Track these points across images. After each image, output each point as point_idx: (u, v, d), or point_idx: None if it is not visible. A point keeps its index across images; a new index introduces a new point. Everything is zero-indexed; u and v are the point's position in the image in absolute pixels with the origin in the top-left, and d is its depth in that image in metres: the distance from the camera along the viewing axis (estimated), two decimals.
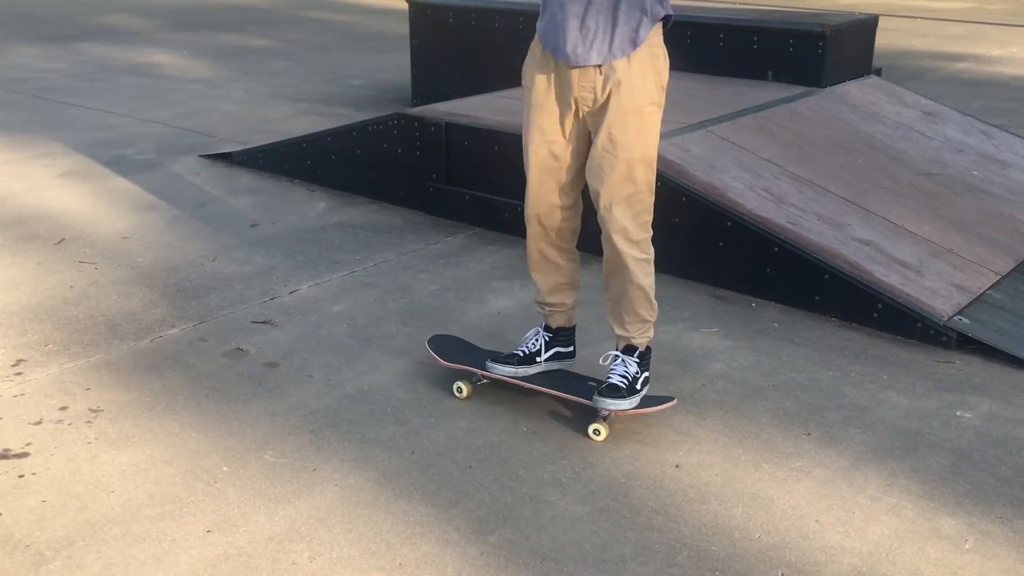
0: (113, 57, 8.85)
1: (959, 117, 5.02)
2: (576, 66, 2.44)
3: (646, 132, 2.48)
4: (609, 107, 2.44)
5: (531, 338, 2.78)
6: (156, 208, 4.54)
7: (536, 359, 2.74)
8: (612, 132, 2.45)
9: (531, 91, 2.58)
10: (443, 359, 2.82)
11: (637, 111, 2.45)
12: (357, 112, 6.58)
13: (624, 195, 2.48)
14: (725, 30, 5.27)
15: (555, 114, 2.53)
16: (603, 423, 2.57)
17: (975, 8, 13.10)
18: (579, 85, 2.46)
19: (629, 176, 2.47)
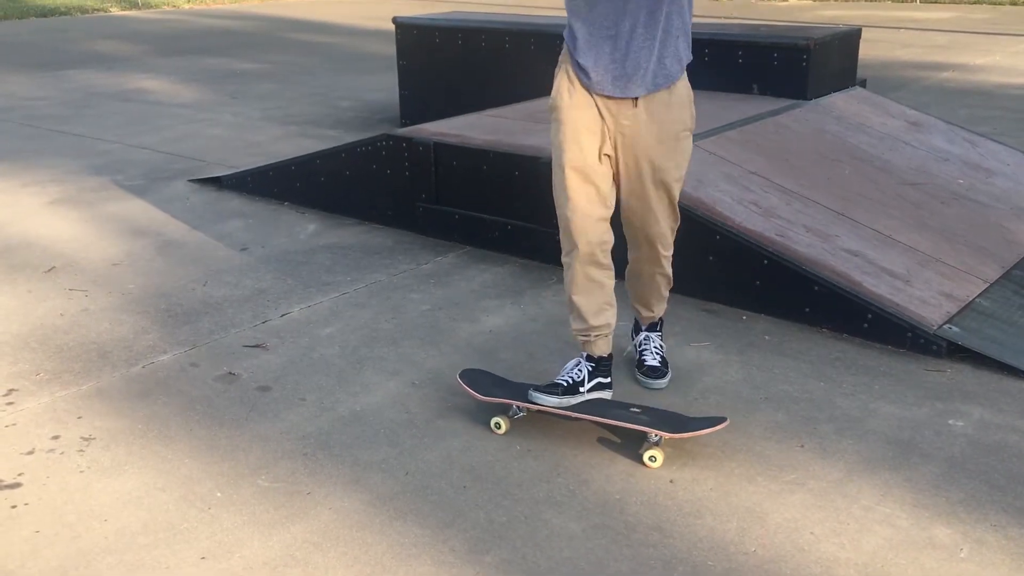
0: (101, 83, 8.87)
1: (944, 126, 5.06)
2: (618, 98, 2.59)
3: (683, 155, 2.72)
4: (651, 134, 2.62)
5: (571, 368, 2.76)
6: (146, 234, 4.54)
7: (579, 389, 2.70)
8: (653, 158, 2.65)
9: (566, 113, 2.63)
10: (479, 393, 2.74)
11: (675, 138, 2.67)
12: (346, 133, 6.60)
13: (664, 211, 2.76)
14: (710, 45, 5.29)
15: (593, 135, 2.62)
16: (658, 449, 2.52)
17: (958, 18, 13.22)
18: (619, 112, 2.61)
19: (669, 196, 2.74)
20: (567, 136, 2.62)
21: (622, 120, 2.61)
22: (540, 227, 4.00)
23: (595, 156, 2.62)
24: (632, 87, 2.57)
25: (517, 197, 4.09)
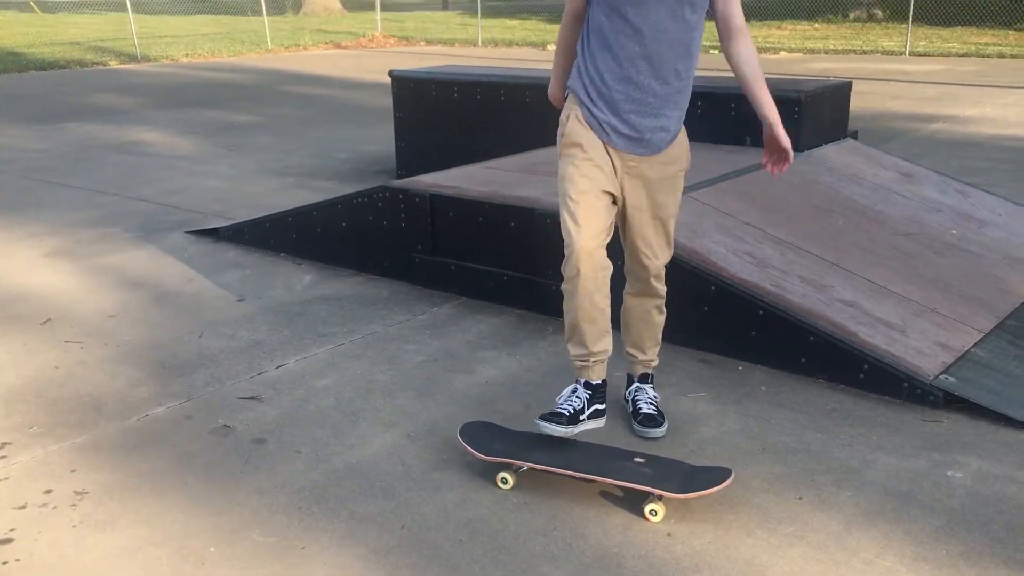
0: (100, 136, 8.94)
1: (935, 177, 5.11)
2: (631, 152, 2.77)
3: (679, 192, 2.91)
4: (654, 175, 2.80)
5: (569, 396, 2.82)
6: (142, 285, 4.55)
7: (580, 418, 2.77)
8: (654, 195, 2.82)
9: (575, 150, 2.76)
10: (480, 452, 2.71)
11: (674, 177, 2.86)
12: (342, 185, 6.64)
13: (662, 246, 2.92)
14: (704, 98, 5.36)
15: (601, 172, 2.74)
16: (659, 503, 2.50)
17: (947, 70, 13.42)
18: (629, 162, 2.77)
19: (667, 231, 2.91)
20: (576, 170, 2.73)
21: (628, 161, 2.77)
22: (536, 278, 4.01)
23: (601, 190, 2.74)
24: (643, 148, 2.76)
25: (513, 248, 4.11)
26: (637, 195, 2.81)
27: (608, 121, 2.72)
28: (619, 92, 2.69)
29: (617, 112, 2.71)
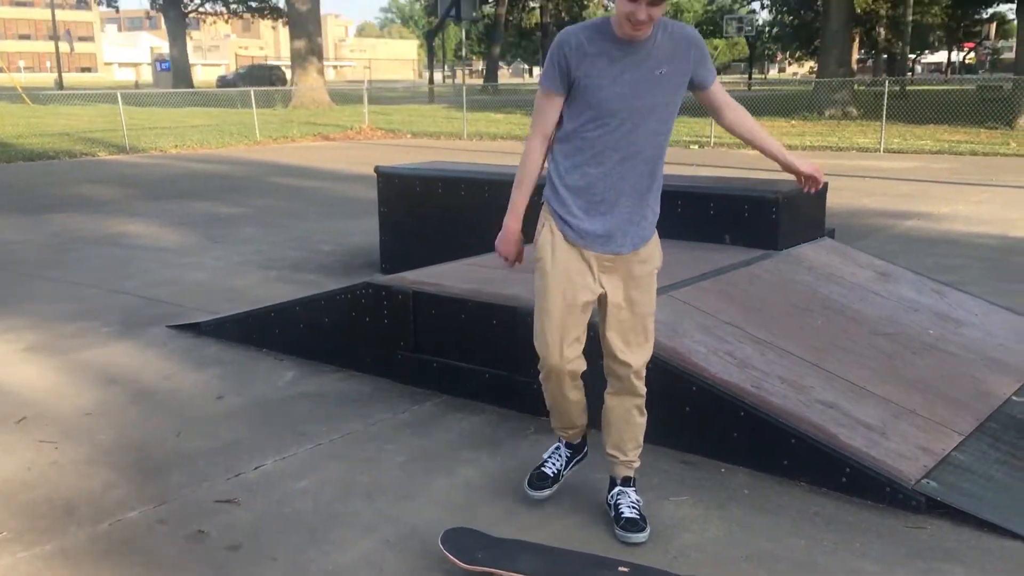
0: (85, 227, 8.98)
1: (912, 276, 5.18)
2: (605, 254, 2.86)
3: (653, 291, 2.97)
4: (629, 274, 2.89)
5: (552, 453, 3.21)
6: (121, 382, 4.51)
7: (562, 474, 3.17)
8: (631, 295, 2.89)
9: (550, 265, 2.88)
10: (462, 561, 2.66)
11: (649, 276, 2.94)
12: (326, 278, 6.67)
13: (640, 344, 2.95)
14: (684, 197, 5.46)
15: (575, 283, 2.86)
16: None
17: (921, 167, 13.74)
18: (604, 263, 2.87)
19: (645, 329, 2.95)
20: (548, 284, 2.87)
21: (604, 262, 2.86)
22: (518, 376, 4.01)
23: (573, 301, 2.85)
24: (618, 247, 2.85)
25: (495, 347, 4.12)
26: (615, 293, 2.89)
27: (580, 225, 2.82)
28: (593, 196, 2.80)
29: (591, 215, 2.81)
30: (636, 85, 2.72)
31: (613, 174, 2.78)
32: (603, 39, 2.73)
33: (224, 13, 46.54)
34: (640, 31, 2.66)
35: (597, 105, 2.73)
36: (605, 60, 2.71)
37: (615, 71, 2.71)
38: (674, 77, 2.78)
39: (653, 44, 2.74)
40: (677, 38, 2.78)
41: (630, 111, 2.73)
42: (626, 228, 2.83)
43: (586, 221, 2.82)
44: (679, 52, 2.77)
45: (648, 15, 2.62)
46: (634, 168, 2.79)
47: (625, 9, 2.62)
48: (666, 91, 2.77)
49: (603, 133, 2.75)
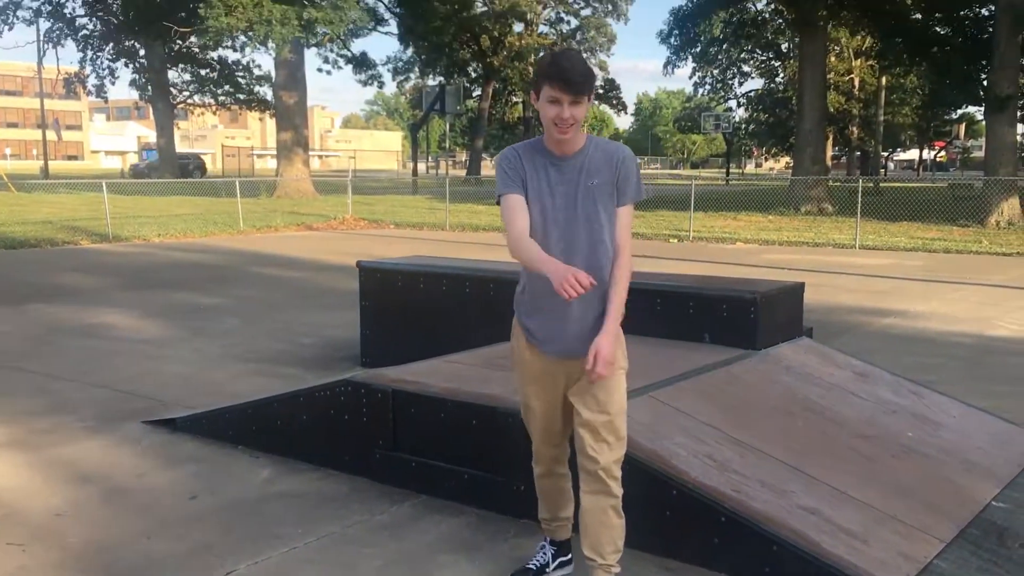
0: (64, 318, 8.93)
1: (889, 378, 5.22)
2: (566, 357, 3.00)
3: (622, 390, 3.03)
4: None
5: (537, 551, 3.36)
6: (93, 480, 4.43)
7: (546, 570, 3.30)
8: (597, 395, 2.97)
9: (521, 367, 3.12)
10: None
11: (614, 377, 2.97)
12: (306, 372, 6.64)
13: (611, 442, 2.99)
14: (663, 296, 5.53)
15: (545, 386, 3.07)
16: None
17: (895, 264, 13.96)
18: (567, 364, 3.01)
19: (614, 427, 3.00)
20: (523, 386, 3.13)
21: (567, 364, 3.00)
22: (497, 477, 3.97)
23: (548, 402, 3.07)
24: (573, 350, 2.97)
25: (474, 446, 4.09)
26: (581, 395, 3.00)
27: (534, 329, 3.03)
28: (542, 300, 2.97)
29: (542, 319, 3.01)
30: (570, 197, 2.93)
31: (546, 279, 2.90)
32: (539, 155, 2.97)
33: (212, 104, 47.28)
34: (567, 133, 2.85)
35: (537, 215, 2.93)
36: (542, 174, 2.95)
37: (550, 184, 2.94)
38: (605, 188, 2.95)
39: (586, 157, 2.95)
40: (609, 153, 2.97)
41: (566, 221, 2.93)
42: (578, 332, 2.96)
43: (538, 325, 3.02)
44: (608, 165, 2.96)
45: (572, 114, 2.82)
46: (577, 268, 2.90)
47: (550, 113, 2.84)
48: (599, 201, 2.94)
49: (545, 242, 2.92)
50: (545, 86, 2.82)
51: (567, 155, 2.96)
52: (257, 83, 46.11)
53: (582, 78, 2.80)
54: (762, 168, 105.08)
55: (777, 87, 50.79)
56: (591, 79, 2.82)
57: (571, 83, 2.79)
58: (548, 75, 2.80)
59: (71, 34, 40.74)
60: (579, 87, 2.80)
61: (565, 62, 2.82)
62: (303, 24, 28.81)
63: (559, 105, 2.82)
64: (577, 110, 2.83)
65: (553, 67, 2.81)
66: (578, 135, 2.96)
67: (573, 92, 2.80)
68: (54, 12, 39.26)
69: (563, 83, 2.78)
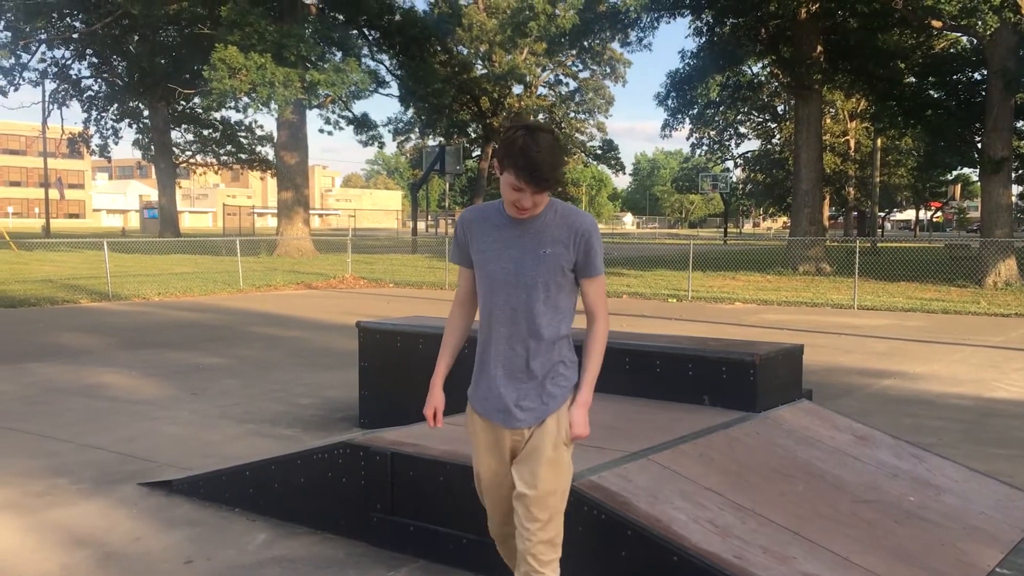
0: (61, 378, 8.90)
1: (890, 441, 5.20)
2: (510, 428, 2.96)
3: (560, 467, 2.91)
4: (534, 448, 2.91)
5: None
6: (87, 544, 4.38)
7: None
8: (535, 470, 2.89)
9: (473, 438, 3.09)
10: None
11: (554, 453, 2.90)
12: (304, 433, 6.60)
13: (540, 522, 2.87)
14: (661, 357, 5.53)
15: (491, 454, 3.02)
16: None
17: (894, 325, 13.97)
18: (512, 437, 2.97)
19: (546, 506, 2.87)
20: (476, 461, 3.09)
21: (512, 436, 2.96)
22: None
23: (494, 471, 3.01)
24: (513, 421, 2.93)
25: (472, 510, 4.04)
26: (518, 466, 2.93)
27: (476, 395, 3.01)
28: (485, 366, 2.97)
29: (485, 386, 2.97)
30: (520, 261, 2.86)
31: (499, 345, 2.92)
32: (495, 217, 2.92)
33: (214, 164, 47.75)
34: (524, 215, 2.82)
35: (485, 278, 2.92)
36: (494, 236, 2.90)
37: (500, 246, 2.89)
38: (557, 259, 2.86)
39: (542, 224, 2.86)
40: (570, 225, 2.86)
41: (514, 286, 2.87)
42: (519, 402, 2.91)
43: (480, 392, 2.99)
44: (564, 237, 2.86)
45: (533, 202, 2.78)
46: (520, 343, 2.89)
47: (511, 197, 2.78)
48: (551, 270, 2.86)
49: (491, 305, 2.91)
50: (510, 170, 2.71)
51: (523, 219, 2.88)
52: (259, 143, 46.69)
53: (550, 173, 2.70)
54: (759, 228, 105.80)
55: (774, 148, 51.37)
56: (558, 171, 2.73)
57: (537, 180, 2.70)
58: (516, 165, 2.69)
59: (76, 95, 41.34)
60: (546, 184, 2.72)
61: (535, 153, 2.67)
62: (305, 86, 29.26)
63: (521, 192, 2.74)
64: (540, 198, 2.78)
65: (523, 158, 2.68)
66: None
67: (539, 187, 2.73)
68: (60, 74, 39.88)
69: (529, 178, 2.69)
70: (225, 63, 27.36)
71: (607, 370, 5.83)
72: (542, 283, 2.85)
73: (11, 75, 36.51)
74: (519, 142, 2.67)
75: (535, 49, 55.06)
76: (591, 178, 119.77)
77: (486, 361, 2.95)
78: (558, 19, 48.44)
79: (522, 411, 2.90)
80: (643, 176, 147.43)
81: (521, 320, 2.87)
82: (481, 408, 2.99)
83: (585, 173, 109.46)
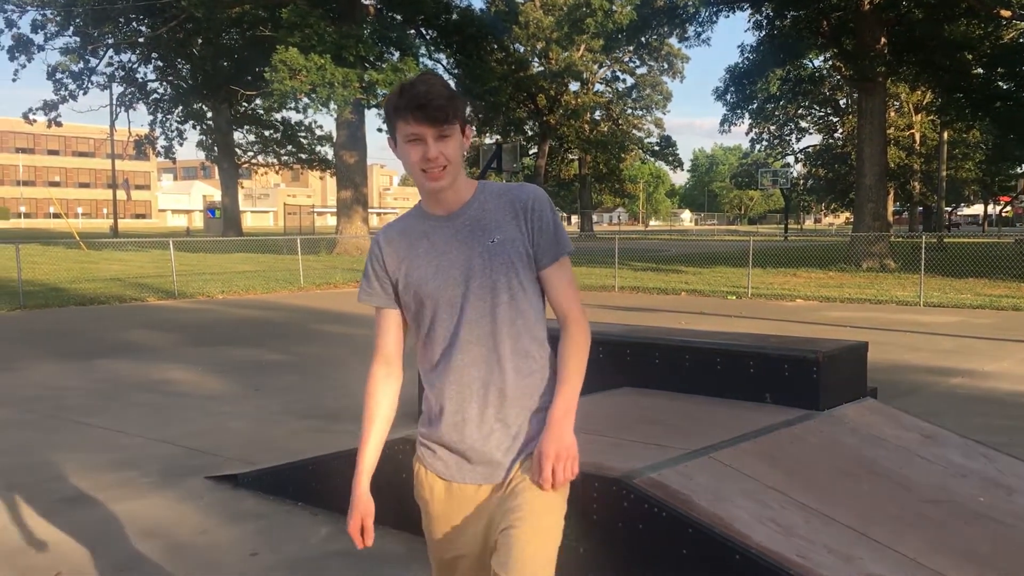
0: (130, 374, 9.13)
1: (959, 440, 5.07)
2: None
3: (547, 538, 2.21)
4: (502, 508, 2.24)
5: None
6: (157, 535, 4.49)
7: None
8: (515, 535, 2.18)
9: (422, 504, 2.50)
10: None
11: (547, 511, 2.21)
12: None
13: None
14: (722, 355, 5.47)
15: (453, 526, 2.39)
16: None
17: (962, 322, 13.63)
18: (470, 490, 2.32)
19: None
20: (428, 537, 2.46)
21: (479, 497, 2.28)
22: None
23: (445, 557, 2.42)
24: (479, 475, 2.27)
25: None
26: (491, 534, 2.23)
27: (429, 448, 2.32)
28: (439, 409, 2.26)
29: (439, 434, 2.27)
30: (468, 262, 2.20)
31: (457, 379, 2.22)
32: (418, 223, 2.28)
33: (275, 164, 48.57)
34: (440, 178, 2.15)
35: (427, 297, 2.23)
36: (425, 245, 2.24)
37: (437, 253, 2.23)
38: (514, 245, 2.21)
39: (479, 209, 2.23)
40: (511, 198, 2.24)
41: (464, 296, 2.20)
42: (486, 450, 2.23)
43: (433, 442, 2.30)
44: (512, 214, 2.23)
45: (440, 152, 2.13)
46: (485, 367, 2.21)
47: (414, 157, 2.15)
48: (508, 264, 2.20)
49: (440, 329, 2.23)
50: (399, 123, 2.13)
51: (452, 211, 2.24)
52: (318, 143, 47.40)
53: (444, 100, 2.10)
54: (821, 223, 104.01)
55: (836, 142, 50.52)
56: (456, 102, 2.12)
57: (430, 109, 2.09)
58: (399, 107, 2.12)
59: (142, 98, 42.38)
60: (442, 113, 2.10)
61: (421, 85, 2.12)
62: (364, 86, 29.57)
63: (422, 144, 2.12)
64: (447, 146, 2.14)
65: (404, 97, 2.11)
66: (462, 182, 2.24)
67: (436, 121, 2.10)
68: (127, 77, 40.90)
69: (419, 112, 2.09)
70: (286, 64, 27.78)
71: (667, 367, 5.79)
72: (501, 285, 2.19)
73: (80, 79, 37.57)
74: (396, 90, 2.16)
75: (592, 46, 54.90)
76: (648, 175, 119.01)
77: (433, 400, 2.29)
78: (615, 15, 48.25)
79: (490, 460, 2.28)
80: (701, 172, 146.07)
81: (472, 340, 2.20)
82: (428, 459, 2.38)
83: (643, 170, 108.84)
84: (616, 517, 3.74)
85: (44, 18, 35.12)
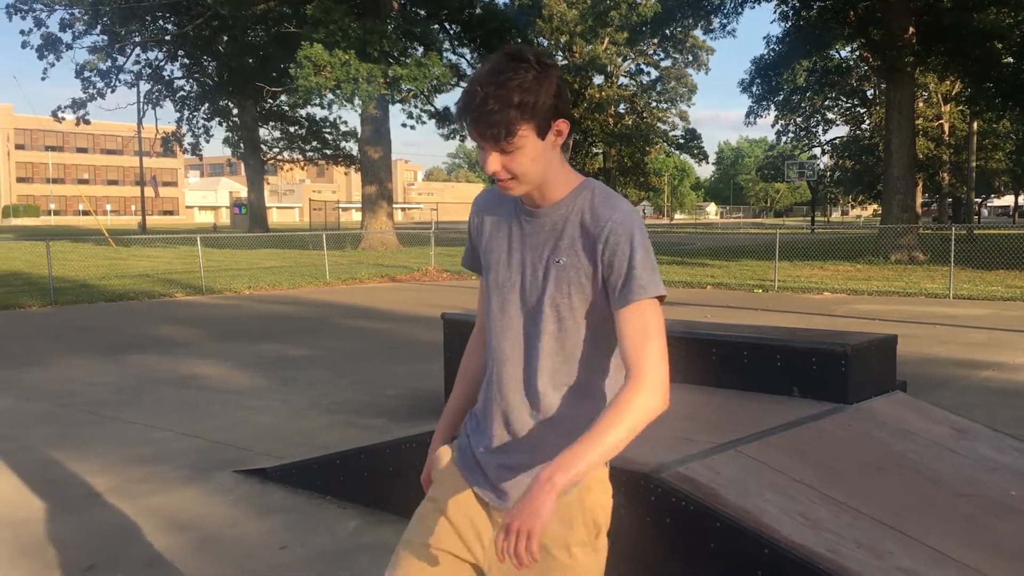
0: (159, 369, 9.23)
1: (990, 434, 5.02)
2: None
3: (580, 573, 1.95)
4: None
5: None
6: (186, 529, 4.54)
7: None
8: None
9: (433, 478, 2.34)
10: None
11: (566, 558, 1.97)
12: (391, 423, 6.71)
13: None
14: (749, 348, 5.44)
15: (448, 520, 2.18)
16: None
17: (993, 315, 13.47)
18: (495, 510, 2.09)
19: None
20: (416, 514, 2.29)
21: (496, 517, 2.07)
22: None
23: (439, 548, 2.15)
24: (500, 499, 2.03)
25: None
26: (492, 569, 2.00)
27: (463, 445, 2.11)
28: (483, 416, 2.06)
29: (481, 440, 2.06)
30: (524, 271, 1.96)
31: (493, 390, 2.00)
32: (509, 203, 2.02)
33: (300, 160, 48.84)
34: (510, 188, 1.89)
35: (490, 287, 2.01)
36: (504, 233, 2.01)
37: (507, 248, 2.00)
38: (575, 273, 1.90)
39: (563, 217, 1.93)
40: (596, 219, 1.89)
41: (515, 304, 1.97)
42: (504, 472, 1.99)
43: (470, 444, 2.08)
44: (587, 239, 1.90)
45: (503, 166, 1.84)
46: (515, 386, 1.96)
47: (482, 162, 1.87)
48: (564, 293, 1.91)
49: (493, 325, 2.00)
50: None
51: (539, 206, 1.95)
52: (343, 139, 47.59)
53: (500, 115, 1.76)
54: (848, 216, 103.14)
55: (863, 134, 50.04)
56: (525, 109, 1.76)
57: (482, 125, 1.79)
58: (457, 110, 1.84)
59: (169, 95, 42.76)
60: (496, 130, 1.78)
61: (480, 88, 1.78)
62: (388, 82, 29.64)
63: (484, 151, 1.85)
64: (511, 160, 1.83)
65: (461, 99, 1.82)
66: (554, 178, 1.91)
67: (491, 140, 1.80)
68: (154, 75, 41.27)
69: (472, 125, 1.81)
70: (310, 60, 27.91)
71: (693, 361, 5.77)
72: (549, 306, 1.91)
73: (108, 77, 37.95)
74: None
75: (616, 39, 54.68)
76: (674, 168, 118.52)
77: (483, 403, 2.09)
78: (639, 7, 48.00)
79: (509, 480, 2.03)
80: (727, 165, 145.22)
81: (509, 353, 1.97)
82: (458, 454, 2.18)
83: (668, 163, 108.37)
84: (644, 511, 3.73)
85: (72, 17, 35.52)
